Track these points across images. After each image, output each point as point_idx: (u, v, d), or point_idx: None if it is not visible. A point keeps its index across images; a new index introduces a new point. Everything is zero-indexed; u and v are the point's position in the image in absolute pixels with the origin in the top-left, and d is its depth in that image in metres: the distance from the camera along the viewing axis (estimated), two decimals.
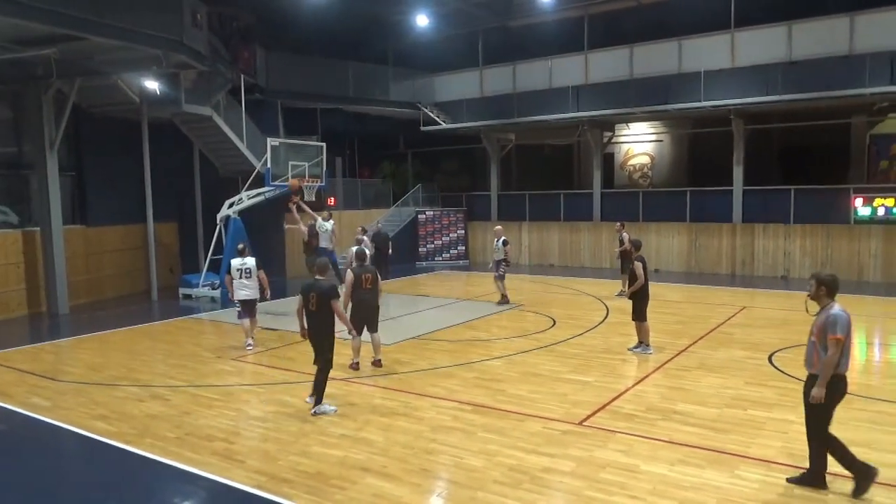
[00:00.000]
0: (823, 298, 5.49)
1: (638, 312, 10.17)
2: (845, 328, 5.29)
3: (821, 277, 5.53)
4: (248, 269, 10.75)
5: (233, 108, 18.24)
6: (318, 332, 7.68)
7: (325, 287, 7.66)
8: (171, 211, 18.82)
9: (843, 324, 5.30)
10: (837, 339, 5.26)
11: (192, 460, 6.33)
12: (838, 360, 5.29)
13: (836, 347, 5.26)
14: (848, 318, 5.35)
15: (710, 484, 5.60)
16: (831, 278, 5.50)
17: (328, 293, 7.59)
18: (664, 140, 25.47)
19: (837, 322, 5.29)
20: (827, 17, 17.76)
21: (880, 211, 17.93)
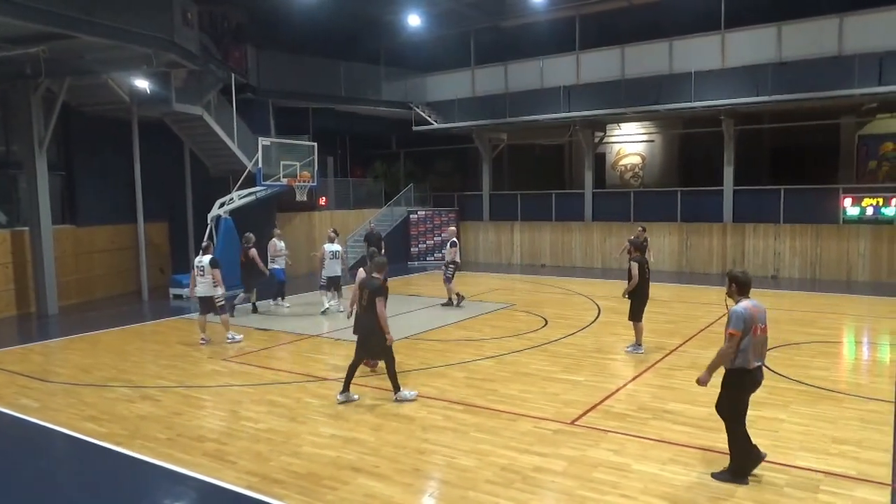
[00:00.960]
0: (735, 295, 5.72)
1: (634, 312, 10.21)
2: (740, 324, 5.46)
3: (731, 274, 5.79)
4: (202, 266, 11.10)
5: (224, 108, 18.16)
6: (366, 328, 7.79)
7: (375, 285, 7.77)
8: (161, 211, 18.72)
9: (738, 319, 5.48)
10: (731, 334, 5.48)
11: (183, 461, 6.30)
12: (733, 353, 5.50)
13: (729, 341, 5.48)
14: (746, 313, 5.50)
15: (701, 482, 5.63)
16: (741, 274, 5.74)
17: (376, 291, 7.67)
18: (655, 140, 25.58)
19: (732, 317, 5.53)
20: (816, 19, 17.89)
21: (869, 211, 18.09)
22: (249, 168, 16.98)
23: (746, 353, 5.52)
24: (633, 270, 10.10)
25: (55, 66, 13.65)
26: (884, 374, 9.14)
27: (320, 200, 22.56)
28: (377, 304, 7.63)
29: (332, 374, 9.25)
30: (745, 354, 5.52)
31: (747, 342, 5.50)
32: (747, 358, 5.53)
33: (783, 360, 9.60)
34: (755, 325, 5.54)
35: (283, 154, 16.72)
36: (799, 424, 6.97)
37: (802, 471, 5.83)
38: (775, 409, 7.43)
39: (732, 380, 5.63)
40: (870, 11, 17.21)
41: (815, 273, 18.59)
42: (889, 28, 16.83)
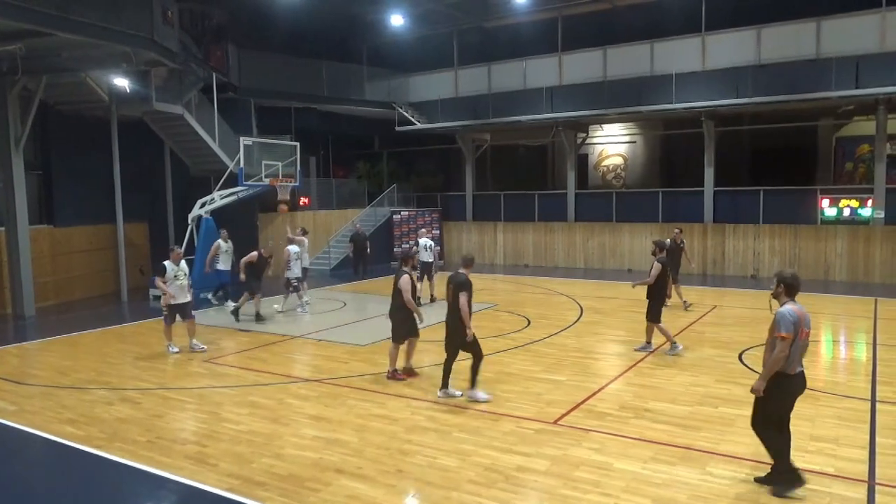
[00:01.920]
0: (782, 297, 5.50)
1: (653, 313, 10.12)
2: (791, 327, 5.27)
3: (781, 276, 5.57)
4: (182, 273, 10.59)
5: (205, 107, 18.02)
6: (451, 323, 7.92)
7: (459, 280, 7.86)
8: (141, 211, 18.51)
9: (788, 322, 5.28)
10: (782, 338, 5.27)
11: (164, 464, 6.24)
12: (784, 358, 5.30)
13: (781, 345, 5.27)
14: (795, 317, 5.31)
15: (682, 481, 5.68)
16: (791, 277, 5.51)
17: (459, 286, 7.77)
18: (637, 141, 25.78)
19: (781, 320, 5.31)
20: (795, 22, 18.13)
21: (846, 212, 18.39)
22: (231, 168, 16.87)
23: (794, 358, 5.35)
24: (653, 270, 10.08)
25: (32, 64, 13.45)
26: (860, 373, 9.28)
27: (302, 201, 22.46)
28: (460, 299, 7.72)
29: (315, 376, 9.21)
30: (793, 360, 5.35)
31: (796, 347, 5.32)
32: (790, 363, 5.35)
33: (762, 359, 9.70)
34: (802, 328, 5.35)
35: (265, 154, 16.64)
36: None
37: None
38: None
39: (774, 386, 5.41)
40: (847, 15, 17.49)
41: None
42: (866, 31, 17.11)
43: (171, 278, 10.39)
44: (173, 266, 10.45)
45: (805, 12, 17.93)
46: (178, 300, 10.48)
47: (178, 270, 10.48)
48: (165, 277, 10.38)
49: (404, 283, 8.59)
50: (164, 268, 10.40)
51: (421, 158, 27.52)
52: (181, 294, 10.52)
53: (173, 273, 10.41)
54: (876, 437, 6.61)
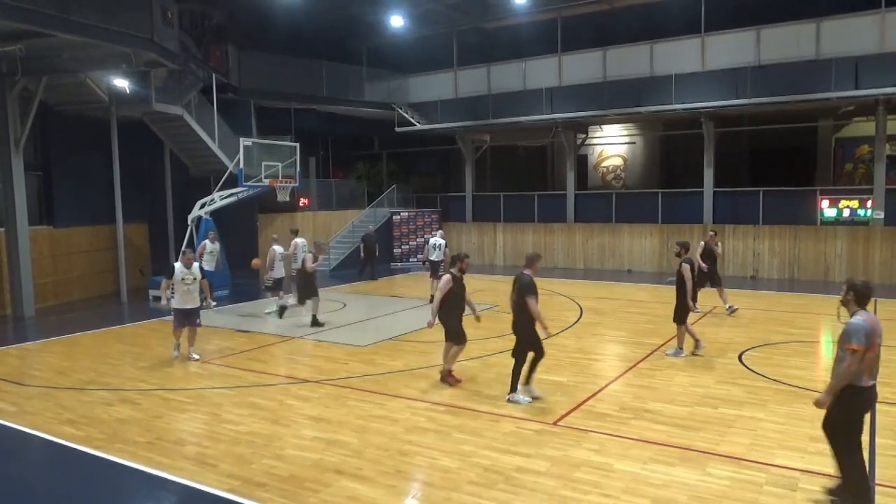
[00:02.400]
0: (852, 305, 5.23)
1: (680, 315, 9.92)
2: (862, 338, 4.97)
3: (852, 284, 5.28)
4: (191, 277, 10.18)
5: (204, 108, 18.03)
6: (516, 323, 7.93)
7: (524, 281, 7.86)
8: (141, 211, 18.51)
9: (860, 333, 5.00)
10: (853, 350, 4.98)
11: (164, 465, 6.24)
12: (854, 372, 5.01)
13: (851, 358, 4.98)
14: (868, 327, 5.02)
15: (681, 481, 5.68)
16: (862, 285, 5.23)
17: (524, 288, 7.77)
18: (637, 142, 25.79)
19: (853, 332, 5.03)
20: (794, 23, 18.14)
21: (845, 212, 18.40)
22: (231, 168, 16.87)
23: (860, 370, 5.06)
24: (686, 273, 9.89)
25: (32, 65, 13.46)
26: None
27: (302, 201, 22.46)
28: (529, 303, 7.70)
29: (315, 377, 9.21)
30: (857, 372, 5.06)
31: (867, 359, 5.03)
32: (860, 375, 5.05)
33: (761, 360, 9.72)
34: (874, 340, 5.04)
35: (265, 155, 16.63)
36: (777, 423, 7.06)
37: (781, 469, 5.90)
38: (753, 409, 7.52)
39: (843, 400, 5.11)
40: (846, 16, 17.50)
41: (793, 273, 18.85)
42: (865, 32, 17.12)
43: (178, 281, 10.01)
44: (183, 269, 10.07)
45: (804, 13, 17.95)
46: (185, 305, 10.07)
47: (187, 274, 10.05)
48: (172, 279, 10.06)
49: (443, 284, 8.52)
50: (173, 269, 10.15)
51: (421, 159, 27.53)
52: (188, 299, 10.08)
53: (181, 276, 10.02)
54: (876, 437, 6.61)
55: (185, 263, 10.15)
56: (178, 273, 10.07)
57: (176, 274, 10.07)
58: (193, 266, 10.22)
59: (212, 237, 14.64)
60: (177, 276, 10.06)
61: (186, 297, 10.09)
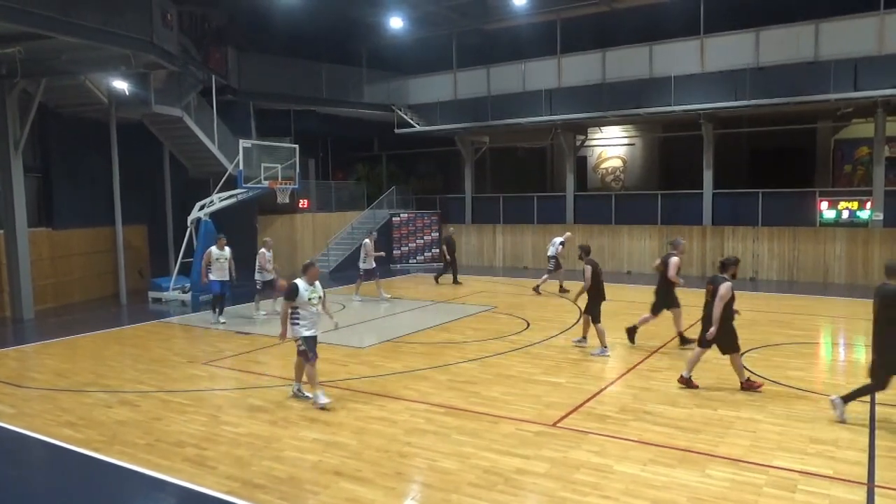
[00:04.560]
0: None
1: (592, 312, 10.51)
2: None
3: None
4: None
5: (204, 110, 18.03)
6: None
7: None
8: (140, 213, 18.51)
9: None
10: None
11: (163, 467, 6.23)
12: None
13: None
14: None
15: (681, 483, 5.68)
16: None
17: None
18: (636, 143, 25.81)
19: None
20: (793, 25, 18.16)
21: (844, 214, 18.42)
22: (230, 170, 16.87)
23: None
24: (587, 273, 10.48)
25: (31, 67, 13.47)
26: (859, 375, 9.25)
27: (301, 203, 22.46)
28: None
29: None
30: None
31: None
32: None
33: (761, 361, 9.72)
34: None
35: (265, 156, 16.63)
36: (776, 425, 7.06)
37: (780, 471, 5.90)
38: (752, 410, 7.52)
39: None
40: (845, 18, 17.52)
41: (792, 275, 18.85)
42: (864, 34, 17.14)
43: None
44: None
45: (803, 15, 17.97)
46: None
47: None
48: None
49: (724, 291, 8.14)
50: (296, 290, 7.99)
51: (420, 161, 27.55)
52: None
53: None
54: (875, 439, 6.61)
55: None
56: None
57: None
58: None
59: (220, 243, 13.42)
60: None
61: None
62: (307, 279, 8.01)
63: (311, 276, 8.03)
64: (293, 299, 7.88)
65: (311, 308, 7.98)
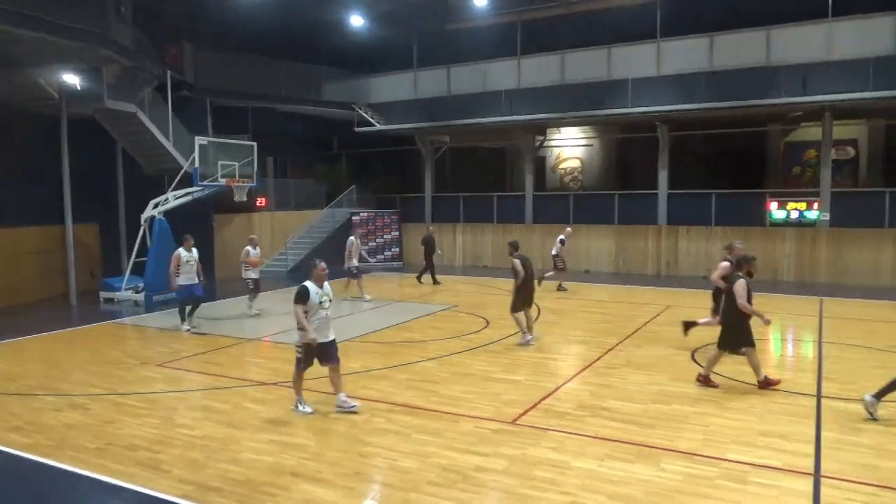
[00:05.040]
0: None
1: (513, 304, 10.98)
2: None
3: None
4: None
5: (159, 106, 17.63)
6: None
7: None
8: (92, 211, 17.97)
9: None
10: None
11: (115, 471, 6.08)
12: None
13: None
14: None
15: (637, 477, 5.79)
16: None
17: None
18: (594, 144, 26.18)
19: None
20: (746, 31, 18.71)
21: (793, 214, 19.03)
22: (186, 168, 16.54)
23: None
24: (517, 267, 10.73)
25: None
26: (807, 370, 9.61)
27: (259, 201, 22.16)
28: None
29: (272, 379, 9.09)
30: None
31: None
32: None
33: None
34: None
35: (222, 154, 16.37)
36: (729, 419, 7.26)
37: (733, 463, 6.06)
38: (706, 405, 7.72)
39: None
40: (794, 25, 18.11)
41: None
42: (813, 41, 17.75)
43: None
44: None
45: (755, 21, 18.51)
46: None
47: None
48: None
49: (738, 289, 8.21)
50: (307, 293, 7.51)
51: (380, 160, 27.44)
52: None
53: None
54: (822, 431, 6.85)
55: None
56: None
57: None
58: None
59: (188, 244, 12.50)
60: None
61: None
62: (315, 280, 7.51)
63: (318, 277, 7.53)
64: (304, 303, 7.36)
65: (322, 312, 7.48)
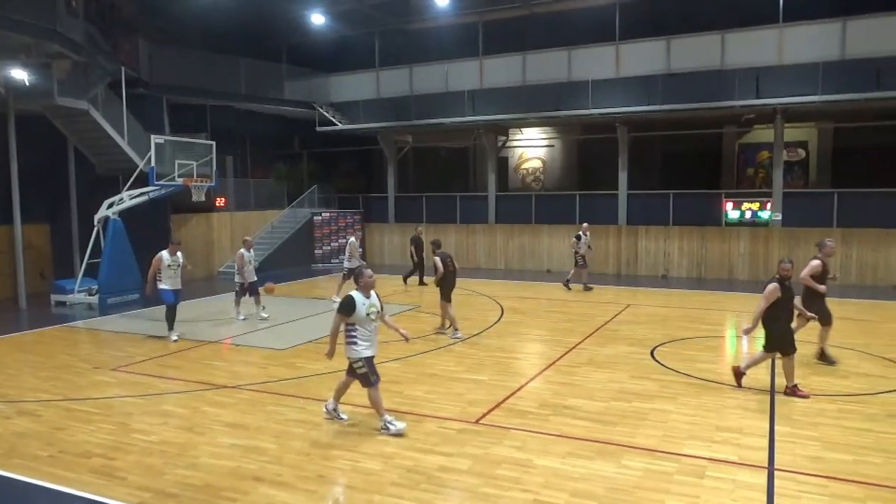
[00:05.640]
0: None
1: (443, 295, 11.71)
2: None
3: None
4: None
5: (113, 103, 17.13)
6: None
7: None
8: (42, 211, 17.42)
9: None
10: None
11: (68, 479, 5.89)
12: None
13: None
14: None
15: (599, 474, 5.86)
16: None
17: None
18: (555, 145, 26.43)
19: None
20: (701, 34, 19.09)
21: (747, 214, 19.52)
22: (141, 167, 16.13)
23: None
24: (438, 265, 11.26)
25: None
26: (761, 366, 9.84)
27: (218, 201, 21.76)
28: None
29: (232, 382, 8.93)
30: None
31: None
32: None
33: (672, 355, 10.16)
34: None
35: (179, 153, 15.99)
36: (686, 415, 7.40)
37: (690, 458, 6.18)
38: (665, 402, 7.85)
39: None
40: (748, 29, 18.58)
41: (701, 272, 19.82)
42: (765, 45, 18.22)
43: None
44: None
45: (711, 25, 18.93)
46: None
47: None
48: None
49: (767, 291, 8.21)
50: (353, 303, 7.41)
51: (342, 159, 27.22)
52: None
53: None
54: (775, 425, 7.04)
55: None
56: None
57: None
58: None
59: (173, 248, 11.72)
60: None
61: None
62: (362, 290, 7.02)
63: (365, 285, 7.03)
64: (349, 315, 6.89)
65: (371, 325, 7.00)
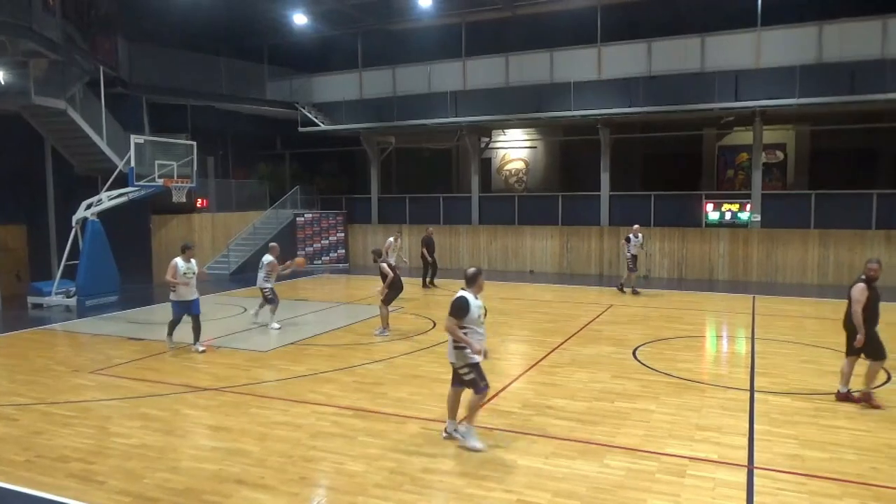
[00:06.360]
0: None
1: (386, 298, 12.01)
2: None
3: None
4: None
5: (91, 102, 16.95)
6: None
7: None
8: (18, 212, 17.17)
9: None
10: None
11: (45, 485, 5.80)
12: None
13: None
14: None
15: (581, 474, 5.88)
16: None
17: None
18: (538, 146, 26.55)
19: None
20: (681, 37, 19.30)
21: (727, 215, 19.75)
22: (121, 167, 15.96)
23: None
24: (385, 270, 11.59)
25: None
26: (740, 365, 9.97)
27: (200, 202, 21.58)
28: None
29: (214, 384, 8.86)
30: None
31: None
32: None
33: (654, 355, 10.24)
34: None
35: (159, 153, 15.83)
36: (667, 414, 7.46)
37: (671, 457, 6.23)
38: (646, 401, 7.91)
39: None
40: (727, 33, 18.81)
41: (681, 273, 20.01)
42: (743, 48, 18.47)
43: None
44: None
45: (691, 28, 19.14)
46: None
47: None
48: None
49: (856, 293, 7.54)
50: None
51: (325, 160, 27.13)
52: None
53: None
54: (755, 424, 7.12)
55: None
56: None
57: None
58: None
59: (187, 254, 10.73)
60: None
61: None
62: (474, 291, 6.55)
63: (478, 287, 6.58)
64: (462, 317, 6.39)
65: (481, 328, 6.58)
